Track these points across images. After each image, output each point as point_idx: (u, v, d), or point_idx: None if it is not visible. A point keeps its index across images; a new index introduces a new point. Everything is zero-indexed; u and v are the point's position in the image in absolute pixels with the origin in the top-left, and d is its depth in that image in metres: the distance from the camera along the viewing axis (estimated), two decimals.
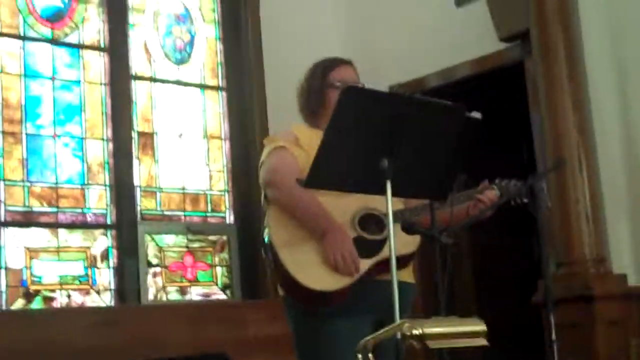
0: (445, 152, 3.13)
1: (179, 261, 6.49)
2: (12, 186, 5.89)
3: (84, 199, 6.18)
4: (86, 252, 6.10)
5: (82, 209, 6.16)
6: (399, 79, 6.82)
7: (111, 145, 6.34)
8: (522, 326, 6.48)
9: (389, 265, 3.31)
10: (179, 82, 6.83)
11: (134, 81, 6.57)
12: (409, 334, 1.90)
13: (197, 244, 6.61)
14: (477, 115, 3.14)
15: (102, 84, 6.41)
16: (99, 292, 6.10)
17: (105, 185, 6.28)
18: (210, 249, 6.66)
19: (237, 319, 6.05)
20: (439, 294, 3.35)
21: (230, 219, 6.80)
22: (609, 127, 5.78)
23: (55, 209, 6.04)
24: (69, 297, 5.99)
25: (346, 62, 3.77)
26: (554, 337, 3.35)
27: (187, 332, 5.92)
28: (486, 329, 1.97)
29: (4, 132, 5.90)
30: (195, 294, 6.54)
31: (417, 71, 6.81)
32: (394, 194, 2.98)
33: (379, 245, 3.42)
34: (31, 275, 5.83)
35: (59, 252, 5.99)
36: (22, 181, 5.93)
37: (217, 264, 6.67)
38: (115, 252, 6.22)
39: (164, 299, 6.37)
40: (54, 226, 6.01)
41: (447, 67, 6.67)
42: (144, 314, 6.03)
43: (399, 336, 1.79)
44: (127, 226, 6.27)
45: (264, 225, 3.44)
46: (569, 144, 5.59)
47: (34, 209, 5.96)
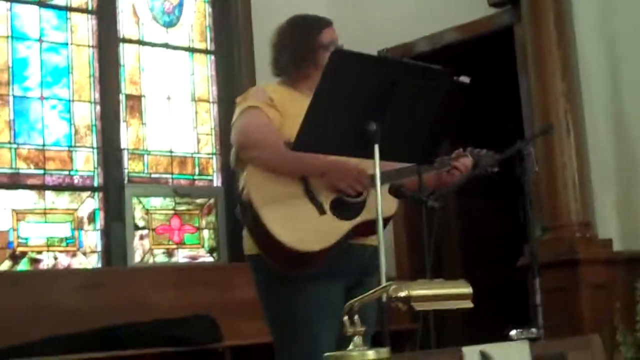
0: (432, 117, 3.14)
1: (166, 224, 6.50)
2: None
3: (71, 161, 6.18)
4: (73, 214, 6.11)
5: (70, 171, 6.16)
6: (387, 44, 6.79)
7: (99, 107, 6.33)
8: (508, 289, 6.52)
9: (366, 228, 3.32)
10: (167, 46, 6.80)
11: (122, 44, 6.55)
12: (395, 296, 1.90)
13: (184, 207, 6.62)
14: (465, 79, 3.14)
15: (89, 46, 6.39)
16: (85, 254, 6.11)
17: (92, 147, 6.28)
18: (197, 212, 6.67)
19: (224, 282, 6.07)
20: (425, 256, 3.37)
21: (217, 182, 6.81)
22: (596, 93, 5.79)
23: (42, 171, 6.04)
24: (56, 259, 6.00)
25: (331, 22, 3.67)
26: (538, 300, 3.37)
27: (174, 295, 5.95)
28: (472, 291, 1.98)
29: None
30: (181, 256, 6.56)
31: (405, 36, 6.79)
32: (381, 158, 2.98)
33: (358, 208, 3.39)
34: (18, 237, 5.84)
35: (45, 214, 6.00)
36: (9, 143, 5.92)
37: (204, 226, 6.68)
38: (102, 214, 6.23)
39: (150, 261, 6.39)
40: (41, 188, 6.01)
41: (435, 32, 6.65)
42: (131, 277, 6.04)
43: (384, 298, 1.80)
44: (114, 189, 6.27)
45: (241, 186, 3.34)
46: (556, 110, 5.60)
47: (21, 171, 5.96)
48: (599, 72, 5.82)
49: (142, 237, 6.37)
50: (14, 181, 5.91)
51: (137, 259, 6.28)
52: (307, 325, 3.35)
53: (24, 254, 5.86)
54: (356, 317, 2.06)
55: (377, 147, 2.96)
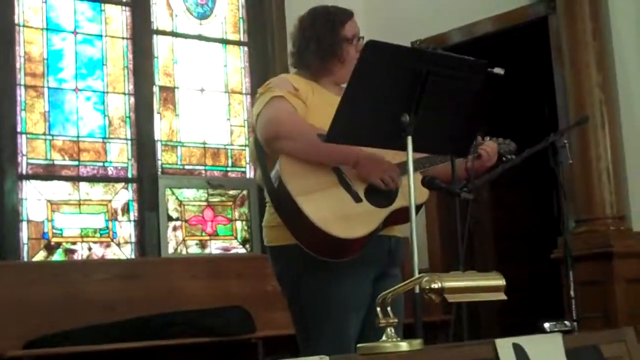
0: (466, 108, 3.12)
1: (199, 215, 6.52)
2: (34, 139, 5.93)
3: (105, 152, 6.21)
4: (107, 205, 6.14)
5: (104, 162, 6.19)
6: (420, 35, 6.77)
7: (132, 99, 6.36)
8: (541, 282, 6.50)
9: (397, 216, 3.31)
10: (200, 37, 6.82)
11: (155, 36, 6.57)
12: (428, 287, 1.90)
13: (217, 198, 6.63)
14: (499, 71, 3.12)
15: (124, 38, 6.42)
16: (119, 245, 6.15)
17: (126, 139, 6.31)
18: (230, 203, 6.69)
19: (256, 273, 6.08)
20: (458, 248, 3.36)
21: (250, 174, 6.81)
22: (632, 84, 5.74)
23: (76, 162, 6.08)
24: (90, 249, 6.04)
25: (352, 14, 3.62)
26: (572, 293, 3.36)
27: (207, 285, 5.98)
28: (505, 283, 1.97)
29: (26, 86, 5.93)
30: (214, 247, 6.58)
31: (439, 27, 6.76)
32: (414, 150, 2.97)
33: (391, 195, 3.36)
34: (52, 227, 5.89)
35: (80, 205, 6.03)
36: (44, 134, 5.97)
37: (236, 218, 6.70)
38: (135, 205, 6.26)
39: (183, 252, 6.41)
40: (76, 179, 6.05)
41: (469, 23, 6.62)
42: (164, 267, 6.07)
43: (417, 290, 1.79)
44: (147, 180, 6.30)
45: (272, 177, 3.34)
46: (591, 102, 5.57)
47: (56, 162, 6.00)
48: (635, 63, 5.77)
49: (175, 229, 6.40)
50: (48, 172, 5.95)
51: (170, 250, 6.31)
52: (338, 315, 3.34)
53: (58, 245, 5.91)
54: (389, 309, 2.06)
55: (410, 139, 2.95)
